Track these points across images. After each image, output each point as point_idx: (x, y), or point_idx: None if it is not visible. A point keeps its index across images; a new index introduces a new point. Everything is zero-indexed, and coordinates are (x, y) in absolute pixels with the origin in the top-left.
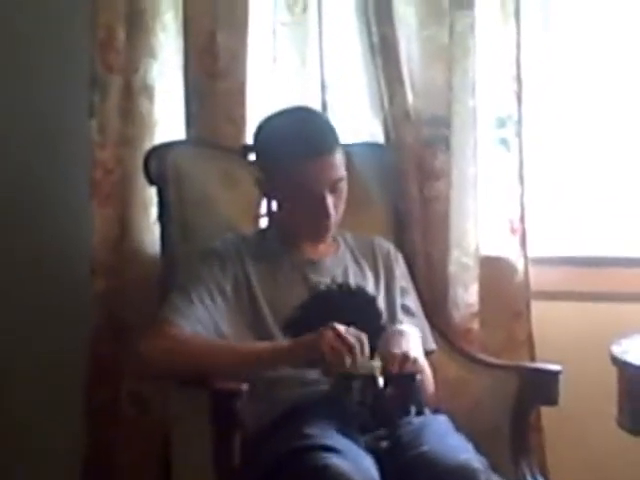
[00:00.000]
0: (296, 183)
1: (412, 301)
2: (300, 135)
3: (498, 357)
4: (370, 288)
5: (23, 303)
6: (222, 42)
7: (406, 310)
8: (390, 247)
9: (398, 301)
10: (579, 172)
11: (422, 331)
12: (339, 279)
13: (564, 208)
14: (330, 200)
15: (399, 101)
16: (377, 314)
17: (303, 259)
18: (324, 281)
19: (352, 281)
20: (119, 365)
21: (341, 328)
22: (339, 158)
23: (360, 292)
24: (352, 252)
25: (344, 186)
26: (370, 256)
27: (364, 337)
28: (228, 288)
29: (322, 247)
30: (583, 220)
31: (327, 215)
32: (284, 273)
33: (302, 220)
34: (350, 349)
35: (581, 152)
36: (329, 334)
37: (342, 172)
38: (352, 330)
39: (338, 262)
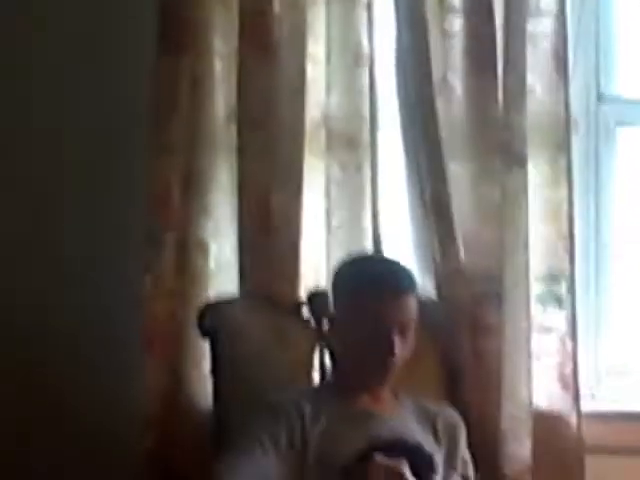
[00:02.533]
0: (369, 318)
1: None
2: (379, 273)
3: None
4: (429, 447)
5: (73, 458)
6: (276, 202)
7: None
8: (455, 417)
9: (458, 471)
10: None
11: None
12: (399, 433)
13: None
14: (397, 339)
15: (451, 257)
16: (434, 471)
17: (362, 410)
18: (383, 434)
19: (411, 437)
20: None
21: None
22: (412, 302)
23: (418, 448)
24: (413, 411)
25: (412, 331)
26: (431, 420)
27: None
28: (282, 441)
29: (382, 400)
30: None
31: (392, 352)
32: (342, 426)
33: (365, 359)
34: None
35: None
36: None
37: (413, 315)
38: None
39: (398, 417)
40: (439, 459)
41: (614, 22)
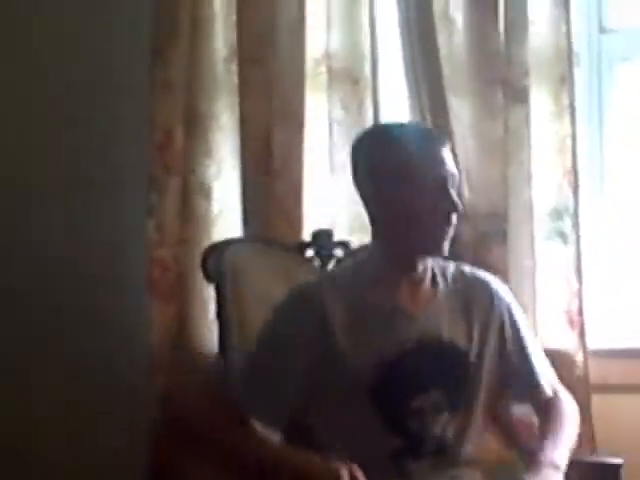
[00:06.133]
0: (424, 174)
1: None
2: (417, 130)
3: None
4: (462, 340)
5: (81, 402)
6: (278, 142)
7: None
8: (501, 299)
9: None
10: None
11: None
12: (431, 333)
13: (623, 299)
14: (455, 195)
15: None
16: (469, 370)
17: (395, 309)
18: (414, 336)
19: (445, 335)
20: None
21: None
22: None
23: (451, 347)
24: (450, 297)
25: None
26: (471, 301)
27: None
28: (301, 365)
29: (419, 291)
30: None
31: (454, 204)
32: (371, 326)
33: (424, 222)
34: None
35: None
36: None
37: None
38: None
39: (432, 312)
40: (475, 354)
41: None
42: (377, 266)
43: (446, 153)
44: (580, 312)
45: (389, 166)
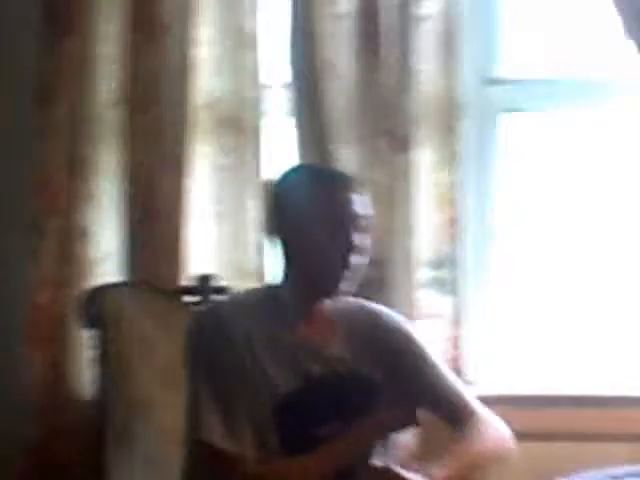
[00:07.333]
0: (324, 214)
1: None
2: (326, 172)
3: None
4: (366, 369)
5: None
6: (162, 187)
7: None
8: (392, 327)
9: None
10: (521, 310)
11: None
12: (332, 363)
13: (501, 347)
14: (356, 235)
15: None
16: (373, 399)
17: (296, 342)
18: (316, 367)
19: (349, 365)
20: None
21: None
22: (363, 200)
23: (354, 375)
24: (349, 332)
25: (368, 233)
26: (367, 336)
27: None
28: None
29: (318, 327)
30: (520, 359)
31: (350, 246)
32: (276, 357)
33: (319, 261)
34: None
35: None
36: None
37: (368, 212)
38: None
39: (332, 344)
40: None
41: (501, 6)
42: (283, 297)
43: (354, 195)
44: (459, 361)
45: (292, 206)
